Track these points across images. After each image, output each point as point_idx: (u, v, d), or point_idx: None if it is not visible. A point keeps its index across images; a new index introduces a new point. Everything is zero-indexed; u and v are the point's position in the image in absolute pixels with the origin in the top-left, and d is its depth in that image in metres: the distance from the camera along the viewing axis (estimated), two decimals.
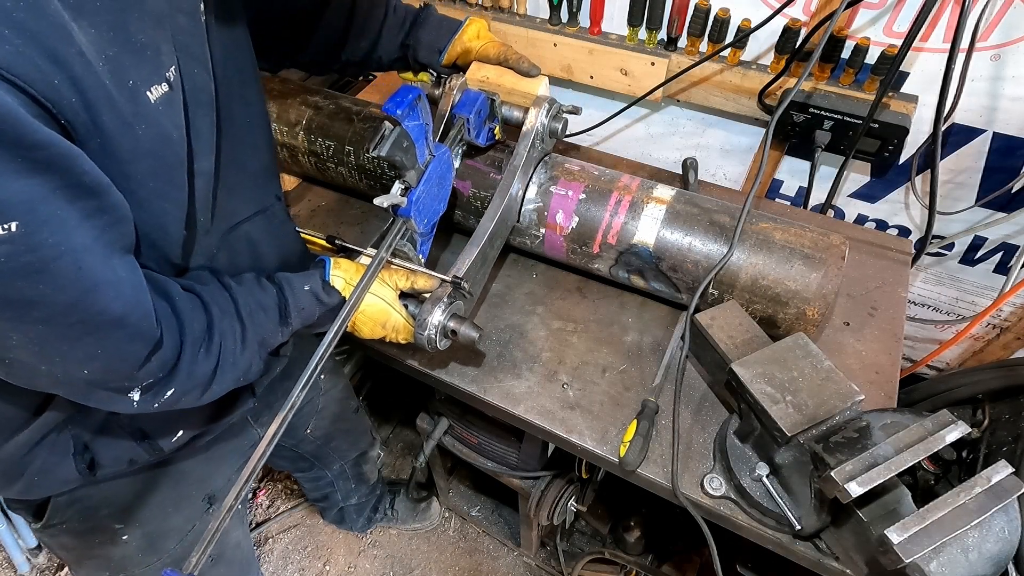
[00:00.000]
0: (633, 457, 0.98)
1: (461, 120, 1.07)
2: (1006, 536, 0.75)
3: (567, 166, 1.17)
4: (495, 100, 1.11)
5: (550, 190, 1.15)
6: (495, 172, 1.16)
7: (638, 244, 1.10)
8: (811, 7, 1.21)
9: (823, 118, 1.27)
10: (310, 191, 1.51)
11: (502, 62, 1.14)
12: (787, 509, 0.88)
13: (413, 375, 1.17)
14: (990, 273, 1.45)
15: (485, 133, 1.12)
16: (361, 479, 1.73)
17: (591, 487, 1.52)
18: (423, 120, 0.93)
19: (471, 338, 0.95)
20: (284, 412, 0.78)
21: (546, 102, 1.10)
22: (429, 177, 0.97)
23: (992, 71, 1.14)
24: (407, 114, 0.88)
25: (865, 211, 1.50)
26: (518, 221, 1.18)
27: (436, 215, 1.05)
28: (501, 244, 1.17)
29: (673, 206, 1.10)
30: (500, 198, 1.09)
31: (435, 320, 0.92)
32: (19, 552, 1.95)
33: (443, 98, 1.12)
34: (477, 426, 1.45)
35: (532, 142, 1.10)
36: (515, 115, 1.13)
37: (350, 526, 1.91)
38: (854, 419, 0.86)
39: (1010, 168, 1.24)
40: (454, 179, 1.12)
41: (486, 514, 2.07)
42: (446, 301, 0.95)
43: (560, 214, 1.14)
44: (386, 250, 0.94)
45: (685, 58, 1.35)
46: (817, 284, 1.02)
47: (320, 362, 0.82)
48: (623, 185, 1.13)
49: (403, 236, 0.98)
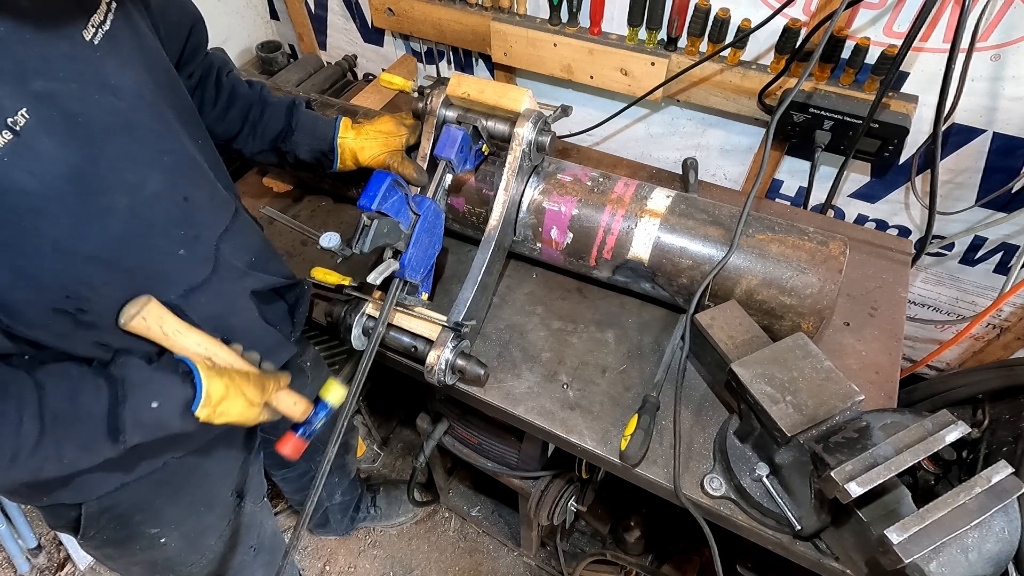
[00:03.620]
0: (634, 451, 0.97)
1: (443, 162, 1.05)
2: (1006, 536, 0.75)
3: (559, 177, 1.15)
4: (477, 126, 1.07)
5: (543, 205, 1.13)
6: (487, 188, 1.15)
7: (632, 259, 1.10)
8: (811, 7, 1.21)
9: (823, 118, 1.27)
10: (309, 191, 1.51)
11: (388, 167, 1.10)
12: (787, 509, 0.88)
13: (413, 375, 1.17)
14: (990, 273, 1.45)
15: (472, 157, 1.10)
16: (344, 471, 1.74)
17: (591, 487, 1.52)
18: (401, 192, 0.94)
19: (477, 375, 1.02)
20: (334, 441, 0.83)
21: (530, 119, 1.06)
22: (418, 238, 0.98)
23: (992, 71, 1.14)
24: (383, 201, 0.90)
25: (865, 211, 1.50)
26: (515, 235, 1.18)
27: (431, 259, 1.06)
28: (500, 266, 1.17)
29: (667, 219, 1.08)
30: (492, 232, 1.09)
31: (442, 364, 1.00)
32: (19, 552, 1.95)
33: (426, 121, 1.10)
34: (477, 426, 1.45)
35: (521, 161, 1.07)
36: (501, 128, 1.09)
37: (334, 528, 1.90)
38: (854, 419, 0.86)
39: (1010, 168, 1.24)
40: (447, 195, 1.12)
41: (486, 514, 2.07)
42: (451, 344, 1.01)
43: (555, 230, 1.14)
44: (389, 307, 0.96)
45: (685, 58, 1.35)
46: (812, 300, 1.01)
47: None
48: (616, 197, 1.11)
49: (403, 291, 1.01)
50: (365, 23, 1.80)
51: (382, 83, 1.19)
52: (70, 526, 0.95)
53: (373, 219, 0.90)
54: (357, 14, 1.79)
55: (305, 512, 0.80)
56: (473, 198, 1.18)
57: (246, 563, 1.21)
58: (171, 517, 1.01)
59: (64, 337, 0.75)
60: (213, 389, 0.79)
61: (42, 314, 0.71)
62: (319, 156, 1.14)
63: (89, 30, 0.68)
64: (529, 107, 1.08)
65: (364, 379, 0.90)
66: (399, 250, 0.98)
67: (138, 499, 0.96)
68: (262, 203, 1.48)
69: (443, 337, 1.01)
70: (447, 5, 1.56)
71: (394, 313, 1.06)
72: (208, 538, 1.11)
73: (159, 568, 1.07)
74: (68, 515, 0.93)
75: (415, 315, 1.05)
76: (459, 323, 1.02)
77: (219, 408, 0.80)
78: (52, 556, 2.03)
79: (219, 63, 1.08)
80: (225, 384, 0.81)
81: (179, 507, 1.02)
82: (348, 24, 1.84)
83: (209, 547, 1.11)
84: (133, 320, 0.76)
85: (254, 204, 1.48)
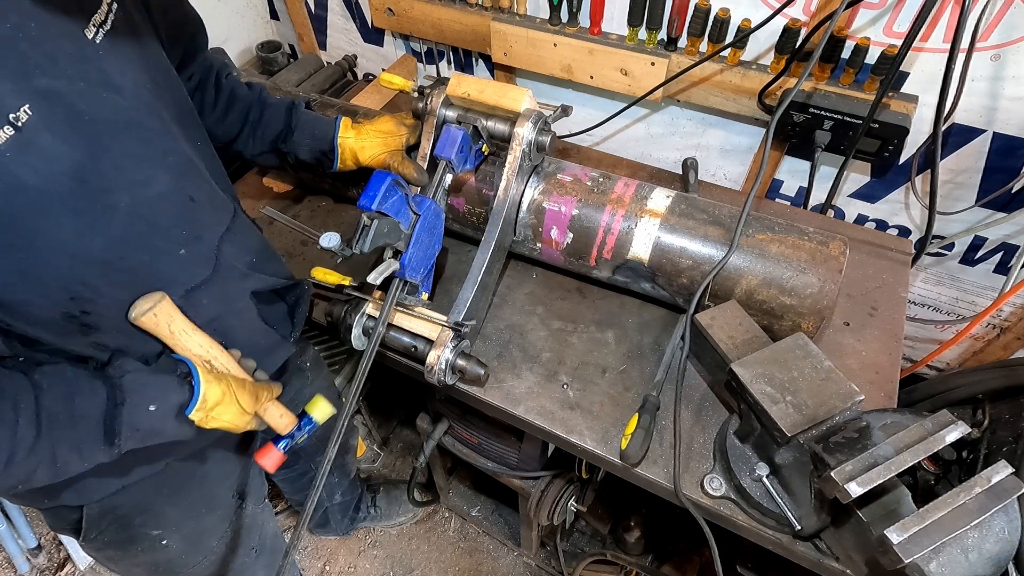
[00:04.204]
0: (635, 450, 0.97)
1: (443, 162, 1.05)
2: (1006, 536, 0.75)
3: (559, 177, 1.15)
4: (477, 126, 1.07)
5: (543, 206, 1.13)
6: (487, 188, 1.15)
7: (633, 259, 1.10)
8: (811, 7, 1.21)
9: (823, 118, 1.27)
10: (309, 192, 1.51)
11: (388, 167, 1.10)
12: (787, 509, 0.88)
13: (413, 375, 1.17)
14: (990, 273, 1.45)
15: (472, 157, 1.10)
16: (344, 471, 1.73)
17: (591, 487, 1.52)
18: (401, 192, 0.94)
19: (477, 375, 1.02)
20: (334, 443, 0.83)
21: (530, 119, 1.06)
22: (418, 238, 0.98)
23: (992, 71, 1.14)
24: (383, 200, 0.90)
25: (865, 211, 1.50)
26: (515, 235, 1.18)
27: (432, 259, 1.06)
28: (500, 266, 1.17)
29: (667, 219, 1.08)
30: (493, 228, 1.09)
31: (442, 364, 1.00)
32: (19, 552, 1.95)
33: (426, 121, 1.10)
34: (477, 426, 1.45)
35: (520, 161, 1.07)
36: (501, 128, 1.09)
37: (334, 528, 1.90)
38: (854, 419, 0.86)
39: (1010, 168, 1.24)
40: (448, 195, 1.12)
41: (486, 514, 2.07)
42: (451, 344, 1.01)
43: (555, 230, 1.14)
44: (389, 306, 0.96)
45: (685, 58, 1.35)
46: (812, 300, 1.02)
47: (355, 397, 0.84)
48: (616, 197, 1.11)
49: (404, 290, 1.01)
50: (365, 23, 1.80)
51: (382, 83, 1.19)
52: (72, 528, 0.95)
53: (373, 219, 0.90)
54: (357, 14, 1.79)
55: (305, 512, 0.80)
56: (473, 198, 1.17)
57: (247, 564, 1.21)
58: (172, 519, 1.01)
59: (64, 336, 0.74)
60: (210, 393, 0.79)
61: (46, 314, 0.71)
62: (319, 156, 1.14)
63: (91, 29, 0.68)
64: (529, 107, 1.08)
65: (364, 379, 0.90)
66: (399, 250, 0.98)
67: (139, 501, 0.95)
68: (262, 203, 1.48)
69: (443, 337, 1.01)
70: (447, 5, 1.56)
71: (394, 313, 1.06)
72: (210, 539, 1.11)
73: (161, 570, 1.07)
74: (70, 517, 0.93)
75: (415, 315, 1.06)
76: (459, 323, 1.02)
77: (212, 412, 0.80)
78: (52, 556, 2.03)
79: (218, 65, 1.08)
80: (222, 390, 0.81)
81: (180, 508, 1.02)
82: (348, 24, 1.84)
83: (211, 548, 1.11)
84: (144, 315, 0.76)
85: (254, 204, 1.48)
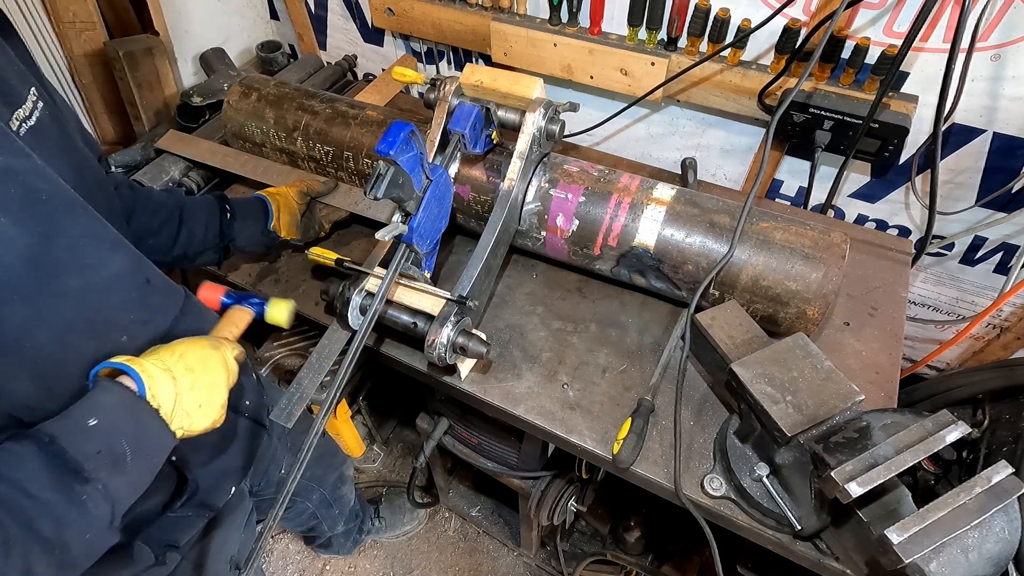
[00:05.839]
0: (627, 455, 0.98)
1: (456, 135, 1.07)
2: (1006, 536, 0.75)
3: (566, 167, 1.17)
4: (490, 108, 1.09)
5: (549, 193, 1.15)
6: (494, 176, 1.16)
7: (638, 246, 1.10)
8: (811, 7, 1.21)
9: (823, 118, 1.27)
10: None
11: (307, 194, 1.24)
12: (787, 509, 0.88)
13: (413, 375, 1.17)
14: (990, 273, 1.45)
15: (482, 141, 1.12)
16: (342, 502, 1.68)
17: (591, 487, 1.52)
18: (417, 150, 0.93)
19: (479, 353, 0.98)
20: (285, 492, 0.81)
21: (541, 105, 1.09)
22: (428, 203, 0.98)
23: (992, 71, 1.14)
24: (401, 151, 0.88)
25: (865, 211, 1.50)
26: (519, 224, 1.18)
27: (438, 233, 1.06)
28: (504, 251, 1.17)
29: (673, 207, 1.10)
30: (500, 209, 1.09)
31: (443, 339, 0.96)
32: None
33: (438, 106, 1.11)
34: (477, 426, 1.45)
35: (530, 147, 1.09)
36: (511, 118, 1.12)
37: (338, 550, 1.89)
38: (854, 419, 0.86)
39: (1010, 168, 1.24)
40: (454, 184, 1.12)
41: (486, 514, 2.07)
42: (453, 319, 0.98)
43: (560, 217, 1.14)
44: (393, 274, 0.96)
45: (685, 58, 1.35)
46: (817, 284, 1.02)
47: (315, 436, 0.84)
48: (623, 186, 1.13)
49: (408, 260, 1.01)
50: (365, 23, 1.80)
51: (394, 76, 1.20)
52: None
53: (389, 167, 0.88)
54: (357, 14, 1.79)
55: (267, 523, 0.80)
56: (480, 186, 1.18)
57: None
58: None
59: None
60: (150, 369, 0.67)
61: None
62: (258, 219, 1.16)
63: (14, 122, 0.65)
64: (540, 95, 1.10)
65: (360, 349, 0.89)
66: (409, 212, 0.97)
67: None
68: None
69: (445, 312, 0.99)
70: (447, 5, 1.56)
71: (396, 287, 1.04)
72: None
73: None
74: None
75: (417, 288, 1.04)
76: (463, 296, 0.99)
77: (166, 399, 0.68)
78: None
79: (128, 180, 1.06)
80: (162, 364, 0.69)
81: None
82: (348, 24, 1.84)
83: None
84: None
85: None
